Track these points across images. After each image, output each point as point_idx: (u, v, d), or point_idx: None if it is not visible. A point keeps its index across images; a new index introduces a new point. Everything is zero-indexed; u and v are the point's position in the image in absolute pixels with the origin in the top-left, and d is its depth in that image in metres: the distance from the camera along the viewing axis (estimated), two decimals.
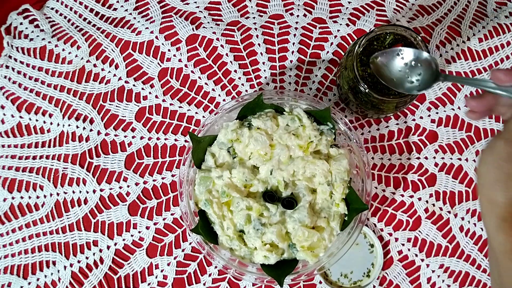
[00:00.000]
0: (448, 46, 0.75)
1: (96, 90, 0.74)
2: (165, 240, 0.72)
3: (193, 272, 0.72)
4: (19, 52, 0.75)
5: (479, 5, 0.76)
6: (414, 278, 0.72)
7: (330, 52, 0.75)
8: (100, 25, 0.75)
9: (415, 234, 0.72)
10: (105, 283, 0.72)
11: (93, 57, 0.75)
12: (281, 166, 0.63)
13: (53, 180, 0.73)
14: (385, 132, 0.73)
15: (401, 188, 0.73)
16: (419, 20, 0.75)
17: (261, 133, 0.62)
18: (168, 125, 0.74)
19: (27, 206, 0.73)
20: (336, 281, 0.71)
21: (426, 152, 0.73)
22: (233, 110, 0.65)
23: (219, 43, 0.75)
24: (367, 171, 0.64)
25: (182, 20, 0.75)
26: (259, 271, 0.63)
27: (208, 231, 0.63)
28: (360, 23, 0.75)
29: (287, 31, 0.75)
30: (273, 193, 0.63)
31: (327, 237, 0.62)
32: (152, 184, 0.73)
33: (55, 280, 0.72)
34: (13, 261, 0.72)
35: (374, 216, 0.72)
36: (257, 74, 0.75)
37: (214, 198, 0.62)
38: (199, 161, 0.65)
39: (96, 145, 0.73)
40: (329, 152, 0.64)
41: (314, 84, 0.74)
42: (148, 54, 0.75)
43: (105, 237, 0.72)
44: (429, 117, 0.73)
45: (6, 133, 0.74)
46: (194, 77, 0.74)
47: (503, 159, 0.43)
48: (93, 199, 0.73)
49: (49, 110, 0.74)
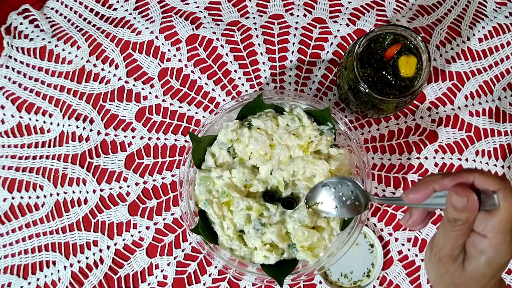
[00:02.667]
0: (448, 46, 0.74)
1: (96, 90, 0.74)
2: (165, 240, 0.72)
3: (193, 272, 0.72)
4: (19, 52, 0.75)
5: (479, 5, 0.76)
6: (414, 278, 0.72)
7: (330, 52, 0.75)
8: (100, 25, 0.75)
9: (415, 234, 0.72)
10: (105, 283, 0.72)
11: (93, 57, 0.75)
12: (281, 166, 0.63)
13: (53, 180, 0.73)
14: (385, 132, 0.73)
15: (401, 188, 0.73)
16: (419, 20, 0.75)
17: (261, 133, 0.62)
18: (168, 125, 0.74)
19: (27, 206, 0.73)
20: (336, 281, 0.71)
21: (426, 152, 0.73)
22: (233, 110, 0.65)
23: (219, 43, 0.75)
24: (367, 171, 0.64)
25: (182, 20, 0.75)
26: (259, 271, 0.63)
27: (208, 231, 0.63)
28: (360, 23, 0.75)
29: (287, 31, 0.75)
30: (273, 193, 0.63)
31: (327, 237, 0.62)
32: (152, 184, 0.73)
33: (55, 280, 0.71)
34: (13, 261, 0.72)
35: (374, 216, 0.72)
36: (257, 74, 0.75)
37: (214, 198, 0.62)
38: (199, 161, 0.65)
39: (96, 145, 0.73)
40: (329, 152, 0.64)
41: (314, 84, 0.74)
42: (148, 54, 0.75)
43: (105, 237, 0.72)
44: (429, 117, 0.73)
45: (6, 133, 0.74)
46: (194, 77, 0.74)
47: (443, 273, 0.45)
48: (93, 199, 0.73)
49: (49, 110, 0.74)
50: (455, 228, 0.43)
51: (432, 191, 0.44)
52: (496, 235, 0.41)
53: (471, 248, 0.43)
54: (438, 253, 0.45)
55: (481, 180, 0.42)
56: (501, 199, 0.41)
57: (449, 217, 0.42)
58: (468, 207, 0.41)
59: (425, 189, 0.44)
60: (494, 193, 0.41)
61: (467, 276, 0.44)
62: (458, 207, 0.41)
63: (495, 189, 0.41)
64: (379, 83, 0.62)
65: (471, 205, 0.41)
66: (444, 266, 0.45)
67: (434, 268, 0.46)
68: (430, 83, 0.74)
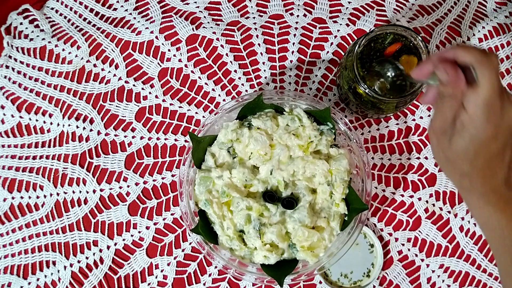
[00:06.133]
0: (448, 46, 0.74)
1: (96, 90, 0.74)
2: (165, 240, 0.72)
3: (193, 272, 0.72)
4: (19, 52, 0.75)
5: (479, 5, 0.76)
6: (414, 278, 0.72)
7: (330, 52, 0.75)
8: (100, 25, 0.75)
9: (415, 234, 0.72)
10: (105, 283, 0.72)
11: (93, 57, 0.75)
12: (281, 166, 0.63)
13: (53, 180, 0.73)
14: (385, 132, 0.73)
15: (401, 188, 0.73)
16: (419, 20, 0.75)
17: (261, 133, 0.62)
18: (168, 125, 0.74)
19: (27, 206, 0.73)
20: (336, 281, 0.71)
21: (426, 152, 0.73)
22: (233, 110, 0.65)
23: (219, 43, 0.75)
24: (367, 171, 0.64)
25: (182, 20, 0.75)
26: (259, 271, 0.63)
27: (208, 231, 0.63)
28: (360, 23, 0.75)
29: (287, 31, 0.75)
30: (273, 193, 0.63)
31: (327, 237, 0.62)
32: (152, 184, 0.73)
33: (55, 280, 0.72)
34: (13, 261, 0.72)
35: (374, 216, 0.72)
36: (257, 74, 0.75)
37: (214, 198, 0.62)
38: (199, 161, 0.65)
39: (96, 145, 0.73)
40: (329, 152, 0.64)
41: (314, 84, 0.74)
42: (148, 54, 0.75)
43: (105, 237, 0.72)
44: (429, 117, 0.73)
45: (6, 133, 0.74)
46: (194, 77, 0.74)
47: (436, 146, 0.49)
48: (93, 199, 0.73)
49: (49, 110, 0.74)
50: (444, 102, 0.46)
51: (431, 68, 0.46)
52: (475, 110, 0.43)
53: (458, 123, 0.45)
54: (432, 126, 0.49)
55: (462, 54, 0.43)
56: (479, 73, 0.42)
57: (439, 91, 0.46)
58: (450, 81, 0.43)
59: (426, 66, 0.47)
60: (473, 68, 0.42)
61: (454, 150, 0.47)
62: (442, 81, 0.44)
63: (473, 63, 0.42)
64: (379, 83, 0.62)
65: (452, 79, 0.43)
66: (437, 140, 0.48)
67: (432, 143, 0.50)
68: None
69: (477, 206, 0.50)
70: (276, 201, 0.62)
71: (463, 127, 0.45)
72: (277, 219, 0.61)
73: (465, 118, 0.44)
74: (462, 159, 0.47)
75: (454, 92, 0.44)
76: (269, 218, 0.61)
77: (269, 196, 0.62)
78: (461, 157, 0.47)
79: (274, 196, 0.62)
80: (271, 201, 0.62)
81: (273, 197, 0.62)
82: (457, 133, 0.46)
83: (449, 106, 0.46)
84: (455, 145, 0.46)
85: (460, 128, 0.45)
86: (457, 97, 0.44)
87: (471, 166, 0.47)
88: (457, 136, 0.46)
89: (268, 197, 0.62)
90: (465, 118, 0.44)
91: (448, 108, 0.46)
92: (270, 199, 0.62)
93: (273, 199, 0.62)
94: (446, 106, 0.46)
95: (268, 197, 0.62)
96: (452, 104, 0.45)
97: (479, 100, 0.42)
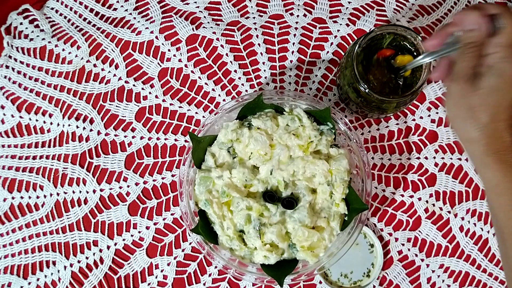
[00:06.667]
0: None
1: (96, 90, 0.74)
2: (165, 240, 0.72)
3: (193, 272, 0.72)
4: (19, 52, 0.75)
5: None
6: (414, 278, 0.72)
7: (330, 52, 0.75)
8: (100, 25, 0.75)
9: (415, 234, 0.72)
10: (105, 283, 0.72)
11: (93, 57, 0.75)
12: (281, 166, 0.63)
13: (53, 180, 0.73)
14: (385, 132, 0.73)
15: (401, 188, 0.73)
16: (419, 20, 0.75)
17: (261, 133, 0.62)
18: (168, 125, 0.74)
19: (27, 206, 0.73)
20: (336, 281, 0.71)
21: (426, 152, 0.73)
22: (233, 110, 0.65)
23: (219, 43, 0.75)
24: (367, 171, 0.64)
25: (182, 20, 0.75)
26: (259, 271, 0.63)
27: (208, 231, 0.63)
28: (360, 23, 0.75)
29: (287, 31, 0.75)
30: (273, 193, 0.63)
31: (327, 237, 0.62)
32: (152, 184, 0.73)
33: (55, 280, 0.72)
34: (13, 261, 0.72)
35: (374, 216, 0.72)
36: (257, 74, 0.75)
37: (214, 198, 0.62)
38: (199, 161, 0.65)
39: (96, 145, 0.73)
40: (329, 152, 0.64)
41: (314, 84, 0.74)
42: (148, 54, 0.75)
43: (105, 237, 0.72)
44: (429, 117, 0.73)
45: (6, 133, 0.74)
46: (194, 77, 0.74)
47: (459, 96, 0.50)
48: (93, 199, 0.73)
49: (49, 110, 0.74)
50: (469, 49, 0.50)
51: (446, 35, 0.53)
52: (503, 49, 0.48)
53: (483, 68, 0.49)
54: (456, 75, 0.50)
55: (491, 7, 0.49)
56: (505, 20, 0.48)
57: (464, 41, 0.50)
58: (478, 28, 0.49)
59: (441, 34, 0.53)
60: (499, 16, 0.48)
61: (481, 94, 0.49)
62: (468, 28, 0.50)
63: (502, 12, 0.48)
64: (379, 83, 0.62)
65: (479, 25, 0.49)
66: (460, 88, 0.50)
67: (453, 94, 0.51)
68: (430, 83, 0.74)
69: (486, 163, 0.50)
70: (276, 201, 0.62)
71: (491, 68, 0.48)
72: (277, 219, 0.61)
73: (493, 59, 0.48)
74: (489, 103, 0.48)
75: (479, 37, 0.49)
76: (269, 218, 0.61)
77: (269, 196, 0.62)
78: (489, 100, 0.48)
79: (274, 196, 0.62)
80: (271, 201, 0.62)
81: (273, 197, 0.62)
82: (483, 76, 0.49)
83: (473, 53, 0.49)
84: (483, 86, 0.48)
85: (486, 70, 0.48)
86: (480, 46, 0.49)
87: (491, 116, 0.49)
88: (484, 77, 0.48)
89: (268, 197, 0.62)
90: (493, 59, 0.48)
91: (472, 55, 0.49)
92: (270, 199, 0.62)
93: (273, 199, 0.62)
94: (470, 53, 0.49)
95: (268, 197, 0.62)
96: (476, 51, 0.49)
97: (507, 40, 0.48)
